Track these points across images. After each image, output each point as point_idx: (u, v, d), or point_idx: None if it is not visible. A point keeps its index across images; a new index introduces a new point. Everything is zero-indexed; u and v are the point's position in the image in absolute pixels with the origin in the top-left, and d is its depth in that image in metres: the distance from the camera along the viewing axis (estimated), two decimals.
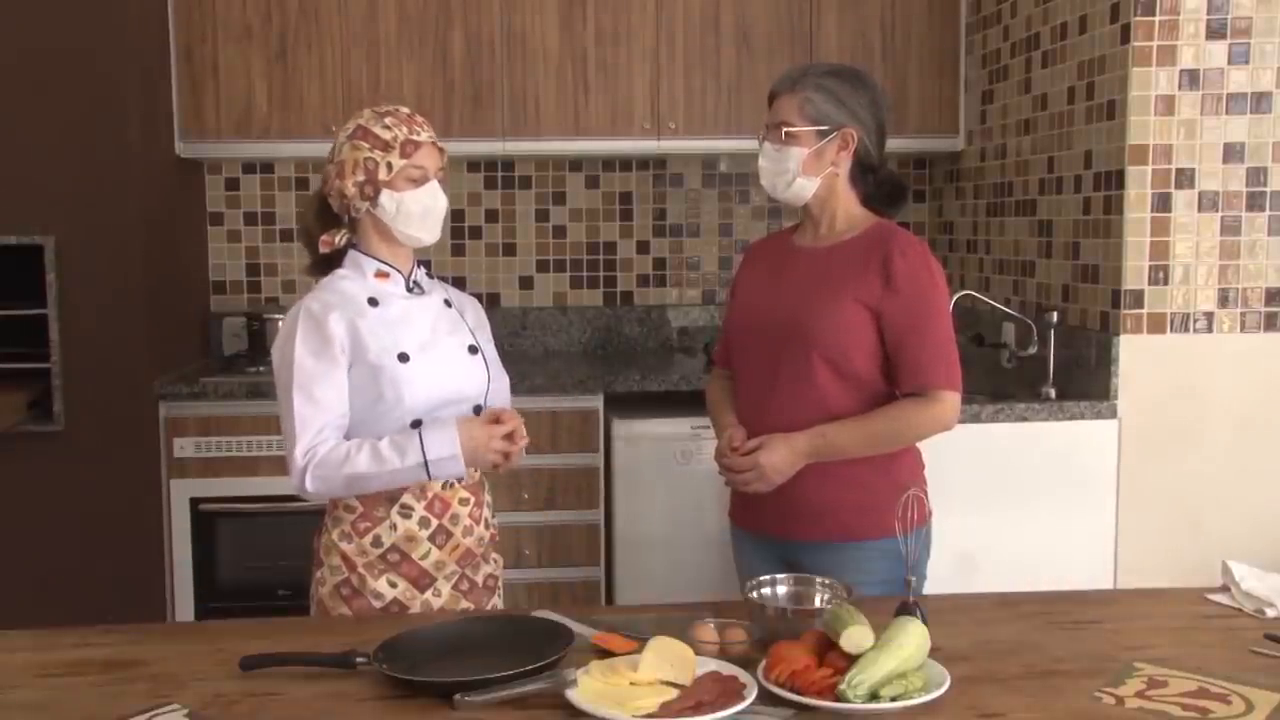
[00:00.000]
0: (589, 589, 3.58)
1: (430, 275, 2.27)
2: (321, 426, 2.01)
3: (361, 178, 2.06)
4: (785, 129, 2.23)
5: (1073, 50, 3.26)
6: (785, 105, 2.25)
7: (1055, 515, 3.05)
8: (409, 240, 2.12)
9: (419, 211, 2.09)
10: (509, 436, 2.06)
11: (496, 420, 2.06)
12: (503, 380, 2.27)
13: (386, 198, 2.07)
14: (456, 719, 1.56)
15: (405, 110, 2.12)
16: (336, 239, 2.13)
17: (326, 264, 2.16)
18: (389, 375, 2.04)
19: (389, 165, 2.06)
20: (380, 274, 2.13)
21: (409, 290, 2.16)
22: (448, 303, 2.22)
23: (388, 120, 2.08)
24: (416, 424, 2.06)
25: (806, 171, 2.23)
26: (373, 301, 2.10)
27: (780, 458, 2.16)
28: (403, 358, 2.06)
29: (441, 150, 2.13)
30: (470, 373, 2.15)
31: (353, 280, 2.12)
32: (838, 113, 2.23)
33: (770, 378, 2.24)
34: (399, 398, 2.04)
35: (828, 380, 2.19)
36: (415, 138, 2.07)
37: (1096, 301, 3.14)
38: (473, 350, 2.18)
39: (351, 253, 2.14)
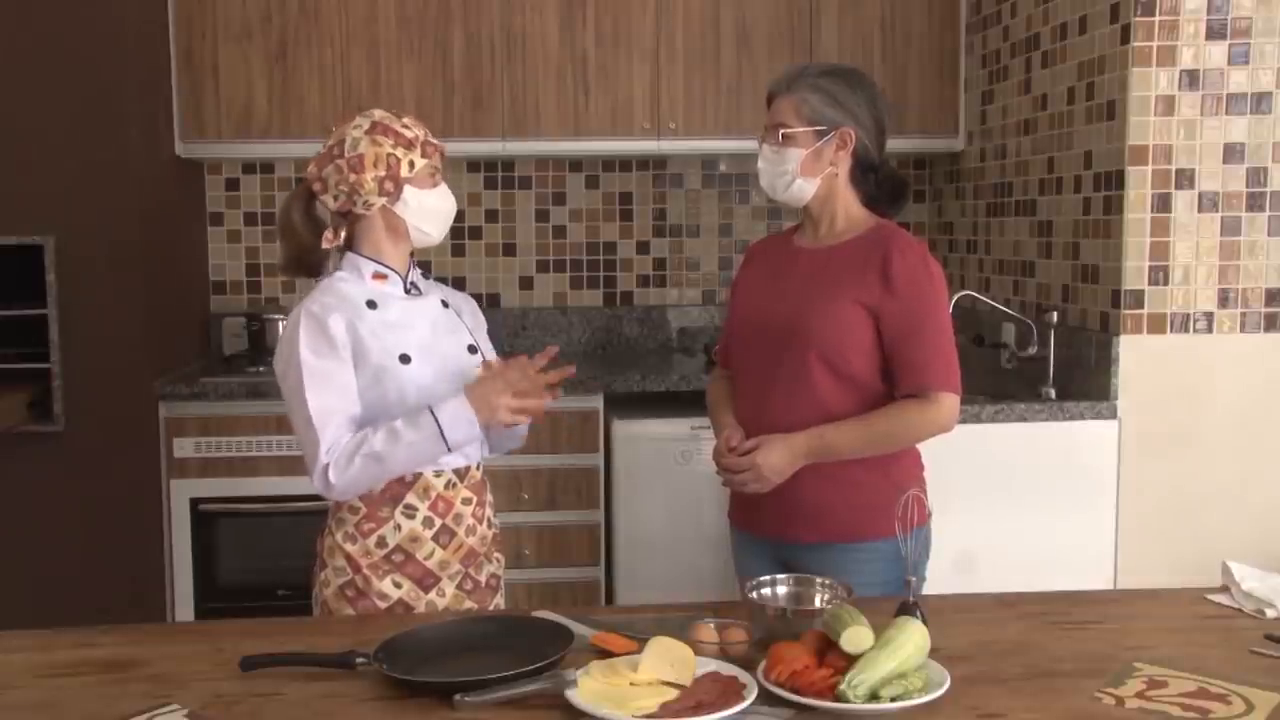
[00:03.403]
0: (589, 589, 3.58)
1: (427, 276, 2.27)
2: (339, 423, 2.01)
3: (382, 172, 2.06)
4: (782, 130, 2.23)
5: (1073, 50, 3.26)
6: (782, 106, 2.24)
7: (1055, 515, 3.04)
8: (421, 238, 2.14)
9: (442, 210, 2.15)
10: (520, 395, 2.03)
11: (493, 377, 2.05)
12: None
13: (410, 194, 2.09)
14: (456, 719, 1.56)
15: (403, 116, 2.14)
16: (341, 235, 2.12)
17: (302, 263, 2.16)
18: (391, 376, 2.04)
19: (411, 163, 2.08)
20: (378, 276, 2.13)
21: (406, 292, 2.16)
22: (445, 303, 2.22)
23: (405, 120, 2.11)
24: None
25: (805, 172, 2.23)
26: (371, 304, 2.10)
27: (777, 458, 2.16)
28: (404, 359, 2.06)
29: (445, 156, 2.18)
30: (470, 373, 2.15)
31: (350, 283, 2.12)
32: (834, 113, 2.22)
33: (769, 378, 2.23)
34: (402, 399, 2.04)
35: (825, 381, 2.18)
36: (432, 140, 2.12)
37: (1096, 302, 3.15)
38: (472, 350, 2.18)
39: (349, 255, 2.14)
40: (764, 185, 2.30)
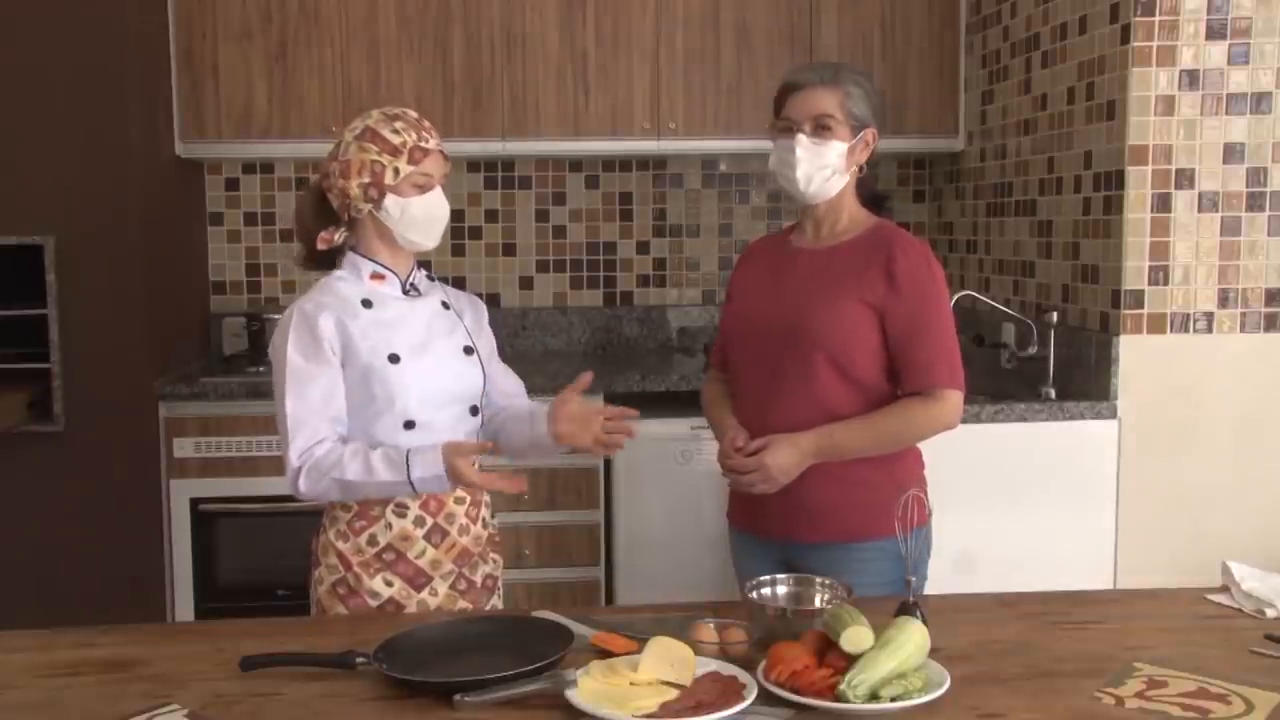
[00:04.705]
0: (589, 589, 3.58)
1: (431, 277, 2.27)
2: (315, 427, 2.02)
3: (367, 180, 2.06)
4: (831, 121, 2.18)
5: (1073, 50, 3.26)
6: (824, 98, 2.19)
7: (1055, 515, 3.04)
8: (410, 245, 2.13)
9: (423, 218, 2.09)
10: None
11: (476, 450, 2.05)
12: (510, 378, 2.28)
13: (392, 202, 2.07)
14: (456, 719, 1.56)
15: (414, 115, 2.11)
16: (335, 237, 2.13)
17: (318, 257, 2.17)
18: (379, 376, 2.05)
19: (396, 170, 2.05)
20: (376, 276, 2.13)
21: (405, 293, 2.16)
22: (445, 305, 2.22)
23: (397, 125, 2.07)
24: (410, 425, 2.06)
25: (845, 168, 2.21)
26: (367, 303, 2.10)
27: (786, 458, 2.15)
28: (393, 359, 2.06)
29: (446, 158, 2.13)
30: (465, 374, 2.16)
31: (348, 282, 2.13)
32: (868, 112, 2.22)
33: (772, 379, 2.23)
34: (390, 399, 2.05)
35: (831, 381, 2.18)
36: (424, 144, 2.07)
37: (1096, 301, 3.14)
38: (468, 351, 2.18)
39: (349, 254, 2.14)
40: (798, 176, 2.20)
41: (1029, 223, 3.56)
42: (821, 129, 2.19)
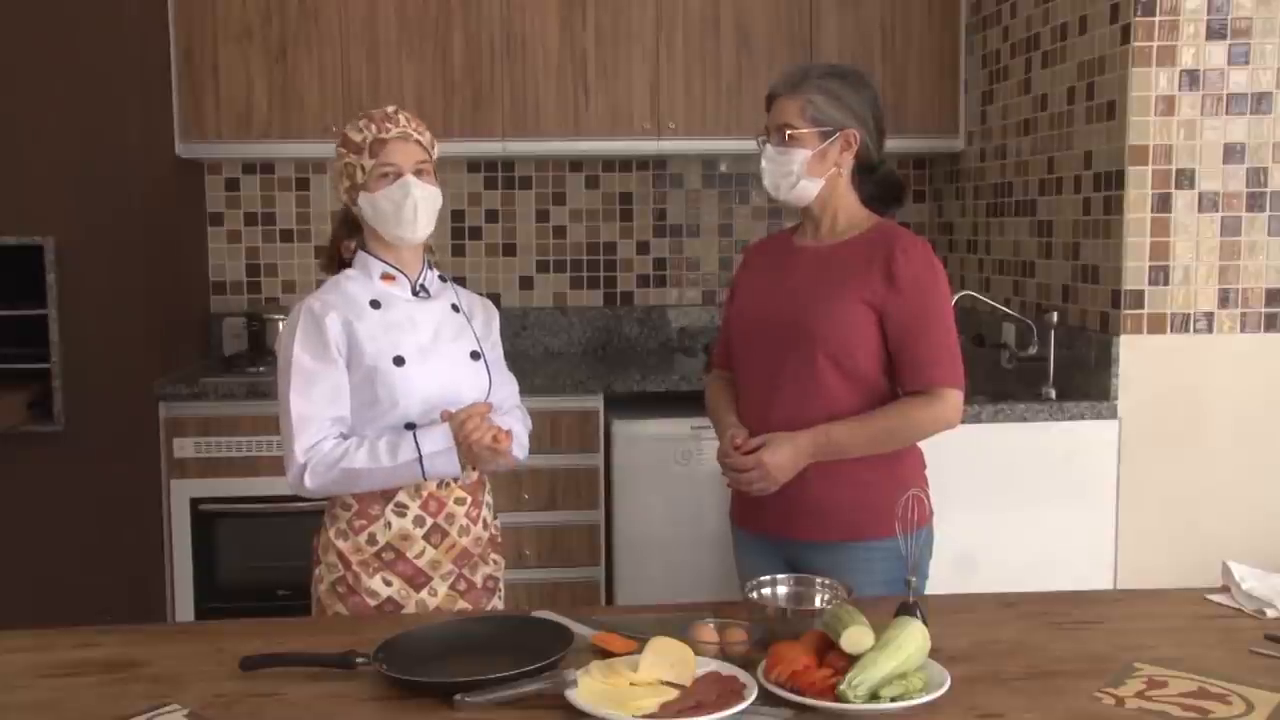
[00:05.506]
0: (589, 589, 3.58)
1: (443, 278, 2.26)
2: (320, 425, 2.03)
3: (347, 184, 2.10)
4: (788, 131, 2.22)
5: (1073, 50, 3.26)
6: (786, 107, 2.23)
7: (1055, 515, 3.05)
8: (395, 239, 2.12)
9: (391, 209, 2.08)
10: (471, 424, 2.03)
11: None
12: (510, 386, 2.27)
13: (363, 200, 2.09)
14: (456, 719, 1.56)
15: (388, 109, 2.12)
16: (354, 245, 2.17)
17: (340, 264, 2.20)
18: (383, 378, 2.05)
19: (362, 168, 2.08)
20: (386, 276, 2.14)
21: (415, 294, 2.16)
22: (455, 307, 2.22)
23: (361, 122, 2.10)
24: (410, 428, 2.06)
25: (810, 173, 2.22)
26: (375, 304, 2.10)
27: (784, 457, 2.15)
28: (398, 361, 2.06)
29: (420, 144, 2.11)
30: (470, 378, 2.15)
31: (358, 281, 2.13)
32: (840, 114, 2.22)
33: (773, 378, 2.23)
34: (393, 401, 2.05)
35: (832, 379, 2.18)
36: (382, 135, 2.07)
37: (1096, 302, 3.14)
38: (475, 356, 2.18)
39: (360, 254, 2.16)
40: (767, 185, 2.28)
41: (1029, 223, 3.56)
42: (785, 138, 2.22)
